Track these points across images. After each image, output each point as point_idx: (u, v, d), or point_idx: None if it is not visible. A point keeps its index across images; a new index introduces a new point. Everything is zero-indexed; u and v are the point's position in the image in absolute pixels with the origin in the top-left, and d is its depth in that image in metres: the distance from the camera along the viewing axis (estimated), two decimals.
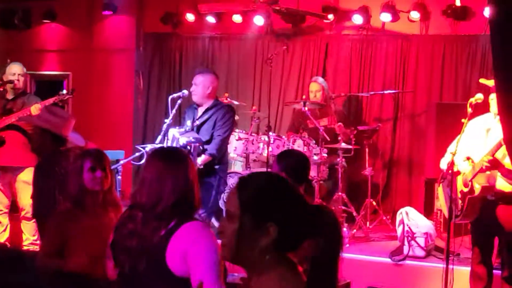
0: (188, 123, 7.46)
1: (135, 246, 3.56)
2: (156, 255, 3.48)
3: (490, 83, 5.92)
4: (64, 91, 8.06)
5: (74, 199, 4.74)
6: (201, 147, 7.13)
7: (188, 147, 7.04)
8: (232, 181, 9.02)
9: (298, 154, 5.31)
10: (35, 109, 7.72)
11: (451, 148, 6.16)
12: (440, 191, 6.41)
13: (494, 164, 5.69)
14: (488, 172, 5.79)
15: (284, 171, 4.79)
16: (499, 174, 5.76)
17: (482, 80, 6.15)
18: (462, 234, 7.30)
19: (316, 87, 9.68)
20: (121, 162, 7.60)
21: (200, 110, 7.47)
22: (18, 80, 8.22)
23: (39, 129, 6.35)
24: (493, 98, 5.81)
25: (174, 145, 7.21)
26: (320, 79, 9.88)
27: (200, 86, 7.43)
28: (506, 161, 5.63)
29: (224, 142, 7.41)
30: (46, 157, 6.26)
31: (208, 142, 7.30)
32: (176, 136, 7.20)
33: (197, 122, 7.41)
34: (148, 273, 3.51)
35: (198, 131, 7.38)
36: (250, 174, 2.60)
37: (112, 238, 3.77)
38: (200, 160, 7.09)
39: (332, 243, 2.46)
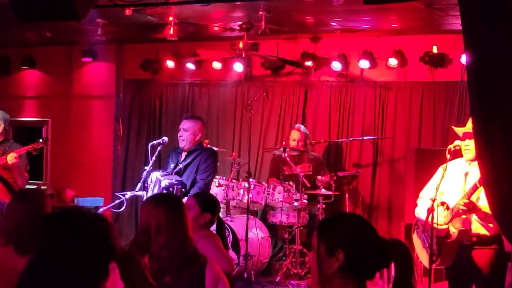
0: (172, 166, 7.45)
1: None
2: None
3: (460, 131, 5.97)
4: (40, 140, 8.07)
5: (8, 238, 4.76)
6: (183, 190, 7.11)
7: (171, 189, 7.03)
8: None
9: (209, 193, 6.05)
10: (11, 158, 7.69)
11: (423, 193, 6.19)
12: (415, 238, 6.40)
13: (471, 207, 5.70)
14: (463, 216, 5.80)
15: (200, 205, 5.13)
16: (474, 217, 5.78)
17: (454, 128, 6.20)
18: (443, 279, 7.27)
19: (298, 136, 9.72)
20: (101, 209, 7.56)
21: (183, 154, 7.46)
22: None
23: None
24: (468, 144, 5.84)
25: (157, 187, 7.20)
26: (302, 127, 9.94)
27: (189, 132, 7.40)
28: (480, 204, 5.65)
29: (207, 185, 7.40)
30: None
31: (192, 185, 7.28)
32: (159, 178, 7.18)
33: (180, 166, 7.39)
34: None
35: (181, 175, 7.36)
36: (331, 215, 3.16)
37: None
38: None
39: (404, 274, 2.95)
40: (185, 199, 7.07)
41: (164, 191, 7.04)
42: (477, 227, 5.81)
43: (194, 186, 7.26)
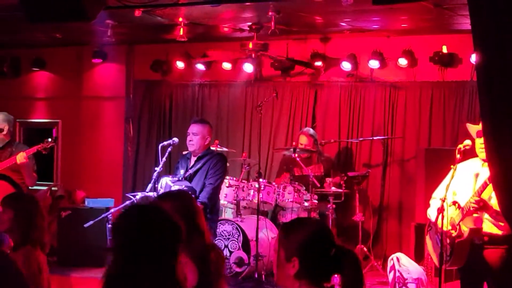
0: (181, 172, 7.45)
1: None
2: None
3: (474, 129, 5.95)
4: (49, 139, 8.08)
5: None
6: (193, 195, 7.09)
7: None
8: (222, 228, 9.00)
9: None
10: (20, 157, 7.70)
11: (436, 194, 6.18)
12: (428, 239, 6.38)
13: (482, 205, 5.68)
14: (475, 215, 5.79)
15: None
16: (486, 216, 5.76)
17: (468, 125, 6.17)
18: (454, 279, 7.27)
19: (305, 141, 9.66)
20: (112, 210, 7.57)
21: (193, 160, 7.46)
22: (2, 129, 8.18)
23: None
24: (482, 142, 5.81)
25: None
26: (311, 131, 9.91)
27: (199, 136, 7.37)
28: (492, 202, 5.63)
29: (216, 190, 7.36)
30: None
31: (201, 191, 7.27)
32: (169, 184, 7.18)
33: (190, 171, 7.38)
34: None
35: (191, 180, 7.35)
36: (293, 220, 3.46)
37: None
38: None
39: (353, 278, 3.11)
40: None
41: None
42: (489, 226, 5.79)
43: (203, 190, 7.25)
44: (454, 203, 5.89)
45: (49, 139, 8.09)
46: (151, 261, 2.90)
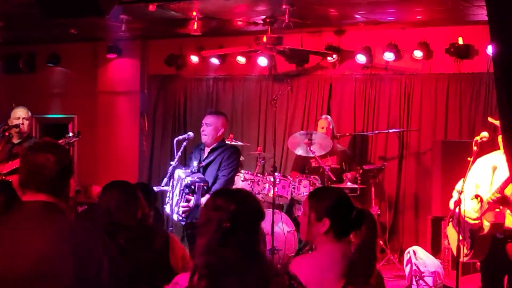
0: (195, 163, 7.45)
1: None
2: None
3: (498, 122, 5.91)
4: (70, 134, 8.09)
5: None
6: (205, 187, 7.11)
7: (192, 187, 7.04)
8: None
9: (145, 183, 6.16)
10: None
11: (458, 186, 6.14)
12: (450, 230, 6.35)
13: (503, 201, 5.65)
14: (497, 210, 5.75)
15: None
16: (508, 211, 5.73)
17: (490, 119, 6.13)
18: (471, 272, 7.24)
19: (325, 123, 9.67)
20: None
21: (206, 151, 7.47)
22: (23, 124, 8.18)
23: None
24: None
25: (179, 185, 7.21)
26: (329, 117, 9.95)
27: (211, 127, 7.39)
28: None
29: (228, 182, 7.37)
30: None
31: (214, 182, 7.28)
32: (182, 177, 7.20)
33: (203, 163, 7.39)
34: None
35: (204, 172, 7.36)
36: (319, 188, 4.12)
37: None
38: (204, 199, 7.06)
39: (370, 234, 3.75)
40: (206, 196, 7.08)
41: (186, 189, 7.06)
42: (511, 221, 5.76)
43: (216, 182, 7.26)
44: (477, 196, 5.86)
45: (70, 134, 8.11)
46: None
